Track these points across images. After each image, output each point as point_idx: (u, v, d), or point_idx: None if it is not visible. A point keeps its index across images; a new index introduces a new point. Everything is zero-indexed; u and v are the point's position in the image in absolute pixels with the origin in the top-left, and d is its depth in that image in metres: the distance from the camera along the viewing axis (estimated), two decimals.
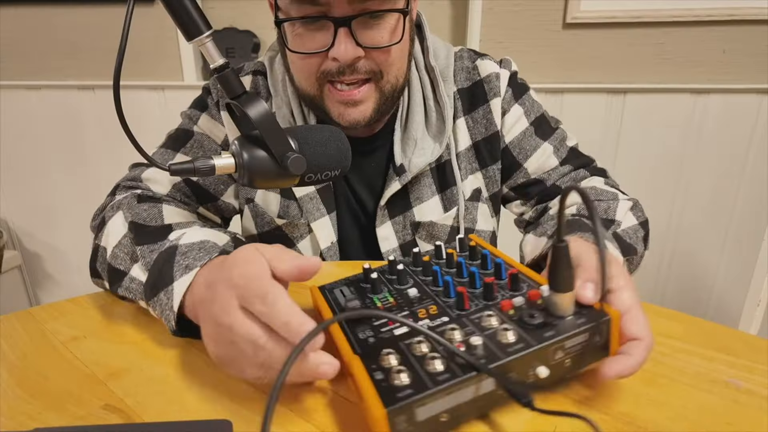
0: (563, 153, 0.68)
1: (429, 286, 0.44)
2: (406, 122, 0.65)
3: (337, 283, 0.48)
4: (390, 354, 0.34)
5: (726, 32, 1.24)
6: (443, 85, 0.64)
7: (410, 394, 0.31)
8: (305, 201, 0.66)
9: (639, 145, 1.35)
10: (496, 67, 0.67)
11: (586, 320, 0.35)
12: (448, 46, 0.69)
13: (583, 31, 1.29)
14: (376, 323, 0.39)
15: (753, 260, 1.37)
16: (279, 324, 0.33)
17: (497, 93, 0.66)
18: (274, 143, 0.40)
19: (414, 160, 0.63)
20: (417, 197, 0.66)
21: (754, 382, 0.40)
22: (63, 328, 0.50)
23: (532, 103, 0.69)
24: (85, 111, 1.53)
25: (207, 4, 1.40)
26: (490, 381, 0.33)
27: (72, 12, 1.44)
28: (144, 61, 1.45)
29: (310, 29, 0.54)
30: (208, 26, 0.38)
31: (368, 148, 0.67)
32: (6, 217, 1.69)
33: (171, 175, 0.39)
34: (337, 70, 0.55)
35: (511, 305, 0.38)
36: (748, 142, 1.30)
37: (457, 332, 0.35)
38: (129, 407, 0.38)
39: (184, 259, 0.44)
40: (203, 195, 0.67)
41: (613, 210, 0.59)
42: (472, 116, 0.67)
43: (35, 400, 0.39)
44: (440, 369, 0.32)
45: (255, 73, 0.68)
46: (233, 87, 0.40)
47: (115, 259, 0.50)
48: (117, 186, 0.64)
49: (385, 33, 0.55)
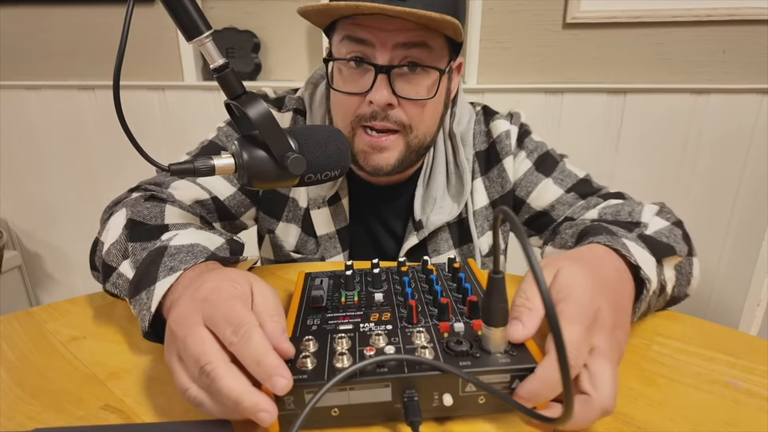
0: (568, 182, 0.68)
1: (398, 295, 0.45)
2: (428, 181, 0.69)
3: (323, 273, 0.51)
4: (310, 341, 0.37)
5: (726, 32, 1.24)
6: (463, 149, 0.68)
7: (303, 380, 0.32)
8: (324, 239, 0.70)
9: (639, 145, 1.35)
10: (506, 125, 0.70)
11: (509, 361, 0.34)
12: (471, 110, 0.73)
13: (583, 31, 1.29)
14: (329, 314, 0.42)
15: (753, 260, 1.37)
16: (250, 361, 0.31)
17: (509, 151, 0.69)
18: (274, 143, 0.40)
19: (432, 217, 0.67)
20: (434, 249, 0.70)
21: (754, 382, 0.40)
22: (63, 328, 0.50)
23: (535, 144, 0.71)
24: (85, 111, 1.53)
25: (207, 4, 1.40)
26: (387, 391, 0.33)
27: (72, 12, 1.44)
28: (144, 61, 1.45)
29: (354, 73, 0.58)
30: (208, 26, 0.38)
31: (389, 196, 0.71)
32: (6, 217, 1.69)
33: (171, 174, 0.39)
34: (370, 114, 0.58)
35: (448, 328, 0.38)
36: (748, 142, 1.30)
37: (381, 338, 0.37)
38: (129, 407, 0.38)
39: (170, 260, 0.44)
40: (225, 213, 0.68)
41: (638, 212, 0.56)
42: (488, 176, 0.70)
43: (35, 401, 0.39)
44: (343, 366, 0.34)
45: (296, 111, 0.70)
46: (233, 87, 0.40)
47: (108, 255, 0.50)
48: (139, 185, 0.63)
49: (421, 89, 0.59)
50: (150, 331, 0.42)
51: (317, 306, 0.43)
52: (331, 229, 0.70)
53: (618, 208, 0.57)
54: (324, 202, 0.69)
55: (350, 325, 0.40)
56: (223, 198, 0.67)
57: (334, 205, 0.69)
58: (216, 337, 0.33)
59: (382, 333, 0.37)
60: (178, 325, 0.34)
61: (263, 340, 0.32)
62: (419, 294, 0.45)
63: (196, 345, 0.32)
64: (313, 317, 0.41)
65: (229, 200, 0.67)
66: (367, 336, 0.38)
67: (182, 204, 0.61)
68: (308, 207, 0.70)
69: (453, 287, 0.46)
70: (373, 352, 0.35)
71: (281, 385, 0.30)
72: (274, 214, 0.71)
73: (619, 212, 0.57)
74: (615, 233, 0.48)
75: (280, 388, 0.30)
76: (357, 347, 0.36)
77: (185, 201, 0.62)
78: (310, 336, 0.37)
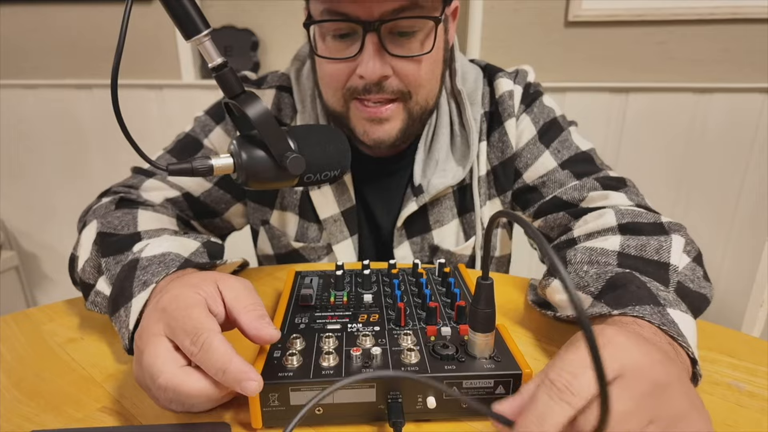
0: (565, 155, 0.61)
1: (387, 297, 0.45)
2: (431, 143, 0.63)
3: (314, 272, 0.51)
4: (297, 339, 0.37)
5: (729, 31, 1.23)
6: (470, 108, 0.62)
7: (288, 377, 0.33)
8: (329, 223, 0.64)
9: (641, 144, 1.35)
10: (509, 84, 0.63)
11: (494, 367, 0.34)
12: (477, 68, 0.66)
13: (585, 29, 1.28)
14: (317, 313, 0.42)
15: (756, 261, 1.36)
16: (214, 371, 0.31)
17: (511, 113, 0.62)
18: (273, 143, 0.40)
19: (433, 181, 0.62)
20: (437, 220, 0.64)
21: (757, 384, 0.40)
22: (60, 329, 0.49)
23: (542, 109, 0.64)
24: (83, 110, 1.52)
25: (205, 3, 1.39)
26: (371, 392, 0.33)
27: (69, 11, 1.44)
28: (142, 59, 1.45)
29: (339, 37, 0.53)
30: (206, 25, 0.38)
31: (392, 168, 0.66)
32: (3, 217, 1.68)
33: (169, 175, 0.39)
34: (363, 88, 0.54)
35: (435, 332, 0.39)
36: (750, 141, 1.29)
37: (368, 339, 0.37)
38: (126, 409, 0.37)
39: (143, 274, 0.43)
40: (201, 211, 0.65)
41: (666, 250, 0.45)
42: (489, 140, 0.64)
43: (32, 402, 0.38)
44: (329, 365, 0.34)
45: (280, 88, 0.65)
46: (232, 86, 0.39)
47: (84, 272, 0.49)
48: (109, 190, 0.61)
49: (415, 43, 0.53)
50: (132, 348, 0.41)
51: (306, 304, 0.44)
52: (335, 210, 0.64)
53: (643, 243, 0.46)
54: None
55: (338, 324, 0.40)
56: (197, 194, 0.64)
57: (336, 183, 0.64)
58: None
59: (369, 334, 0.38)
60: (139, 337, 0.35)
61: (223, 346, 0.31)
62: (408, 297, 0.45)
63: (149, 357, 0.33)
64: (302, 316, 0.42)
65: (204, 196, 0.64)
66: (354, 336, 0.38)
67: (155, 206, 0.59)
68: (306, 190, 0.65)
69: (442, 291, 0.46)
70: (360, 353, 0.35)
71: (252, 388, 0.30)
72: (265, 202, 0.67)
73: (644, 247, 0.46)
74: (657, 297, 0.39)
75: (251, 390, 0.31)
76: (344, 347, 0.36)
77: (157, 201, 0.60)
78: (298, 334, 0.38)
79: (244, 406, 0.37)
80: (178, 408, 0.34)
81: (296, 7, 1.28)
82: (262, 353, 0.36)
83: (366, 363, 0.35)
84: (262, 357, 0.35)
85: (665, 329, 0.36)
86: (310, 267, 0.62)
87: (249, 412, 0.34)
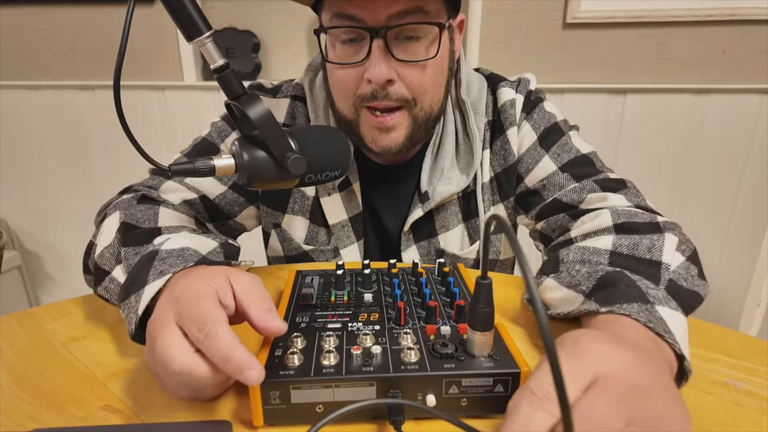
0: (564, 158, 0.62)
1: (387, 296, 0.46)
2: (437, 151, 0.66)
3: (315, 271, 0.51)
4: (298, 337, 0.37)
5: (726, 32, 1.24)
6: (474, 117, 0.64)
7: (289, 375, 0.33)
8: (337, 228, 0.67)
9: (639, 146, 1.35)
10: (511, 93, 0.65)
11: (492, 365, 0.34)
12: (482, 77, 0.69)
13: (584, 31, 1.29)
14: (318, 312, 0.42)
15: (753, 260, 1.37)
16: (218, 359, 0.32)
17: (512, 122, 0.64)
18: (274, 144, 0.40)
19: (438, 188, 0.64)
20: (443, 225, 0.67)
21: (754, 383, 0.40)
22: (63, 328, 0.50)
23: (543, 114, 0.65)
24: (85, 111, 1.53)
25: (207, 4, 1.40)
26: (371, 389, 0.34)
27: (72, 12, 1.44)
28: (144, 61, 1.45)
29: (348, 49, 0.56)
30: (208, 27, 0.38)
31: (400, 176, 0.68)
32: (6, 218, 1.69)
33: (171, 175, 0.39)
34: (371, 94, 0.56)
35: (434, 331, 0.39)
36: (748, 143, 1.30)
37: (369, 338, 0.37)
38: (129, 408, 0.38)
39: (161, 264, 0.43)
40: (216, 213, 0.67)
41: (658, 249, 0.46)
42: (492, 148, 0.66)
43: (35, 401, 0.38)
44: (330, 363, 0.34)
45: (294, 98, 0.68)
46: (233, 87, 0.40)
47: (102, 258, 0.50)
48: (130, 187, 0.63)
49: (420, 49, 0.55)
50: (138, 334, 0.42)
51: (307, 304, 0.44)
52: (343, 216, 0.67)
53: (635, 241, 0.47)
54: (335, 188, 0.66)
55: (339, 323, 0.40)
56: (213, 197, 0.65)
57: (346, 191, 0.66)
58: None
59: (369, 333, 0.38)
60: (152, 325, 0.36)
61: (229, 336, 0.32)
62: (408, 296, 0.45)
63: (162, 344, 0.34)
64: (302, 315, 0.42)
65: (219, 199, 0.66)
66: (354, 335, 0.38)
67: (175, 206, 0.60)
68: (317, 196, 0.67)
69: (442, 291, 0.47)
70: (360, 351, 0.35)
71: (253, 377, 0.31)
72: (278, 207, 0.69)
73: (636, 246, 0.47)
74: (645, 295, 0.39)
75: (253, 380, 0.31)
76: (344, 346, 0.37)
77: (176, 202, 0.62)
78: (299, 333, 0.38)
79: (245, 404, 0.37)
80: (187, 394, 0.35)
81: (297, 9, 1.28)
82: (263, 351, 0.36)
83: (366, 362, 0.35)
84: (264, 355, 0.36)
85: (651, 326, 0.36)
86: (310, 266, 0.63)
87: (250, 410, 0.34)
